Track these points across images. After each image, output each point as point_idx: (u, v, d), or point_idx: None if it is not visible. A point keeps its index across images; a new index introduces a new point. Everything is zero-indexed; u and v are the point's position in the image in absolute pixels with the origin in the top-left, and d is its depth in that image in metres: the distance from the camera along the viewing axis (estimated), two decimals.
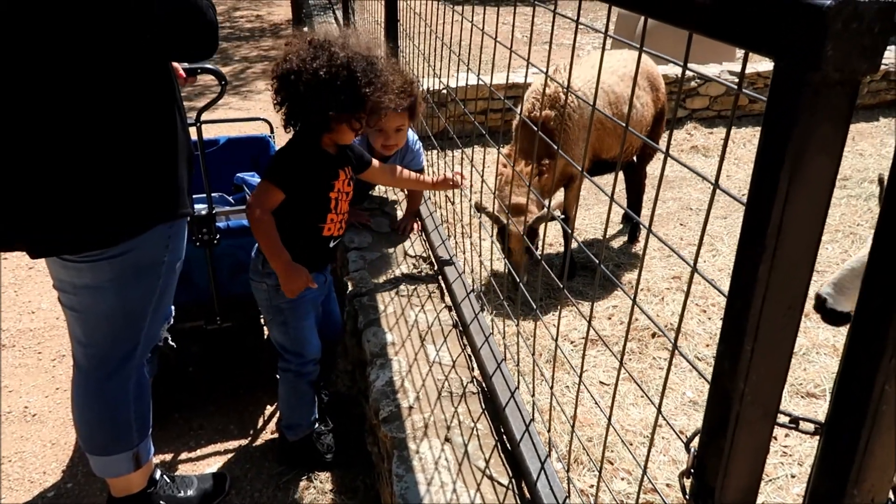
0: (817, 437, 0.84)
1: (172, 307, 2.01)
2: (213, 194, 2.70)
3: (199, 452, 2.46)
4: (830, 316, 1.67)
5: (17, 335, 3.10)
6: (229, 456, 2.44)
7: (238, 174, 2.94)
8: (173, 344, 2.38)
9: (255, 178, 2.91)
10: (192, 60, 1.77)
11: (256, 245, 2.13)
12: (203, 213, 2.31)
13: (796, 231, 0.69)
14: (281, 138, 2.40)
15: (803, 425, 0.91)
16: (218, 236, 2.37)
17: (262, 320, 2.79)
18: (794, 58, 0.61)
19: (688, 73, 6.12)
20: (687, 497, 0.88)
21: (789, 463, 2.29)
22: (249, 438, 2.52)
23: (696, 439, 0.87)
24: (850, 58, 0.59)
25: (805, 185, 0.67)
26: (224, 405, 2.67)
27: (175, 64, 1.91)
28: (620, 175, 4.11)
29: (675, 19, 0.78)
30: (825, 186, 0.68)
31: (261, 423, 2.60)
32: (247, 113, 6.39)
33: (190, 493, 2.17)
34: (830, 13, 0.57)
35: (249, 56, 8.79)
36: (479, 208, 3.10)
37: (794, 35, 0.60)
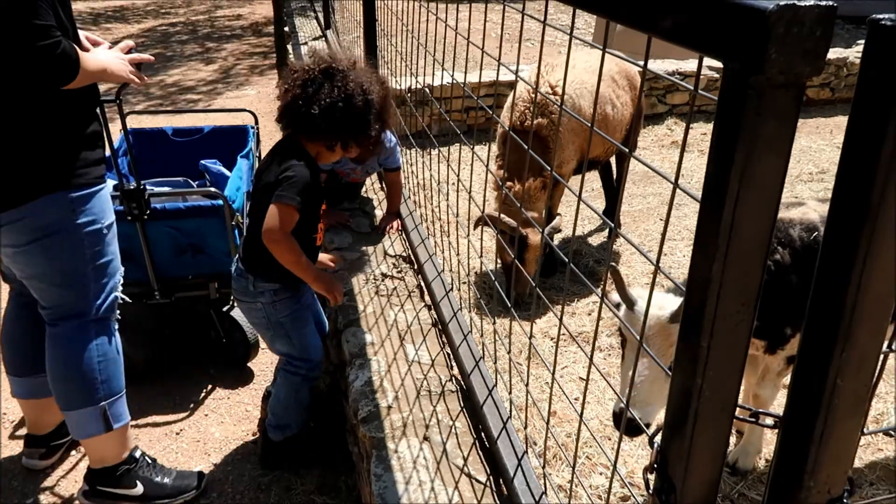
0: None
1: (122, 267, 2.08)
2: (176, 178, 2.92)
3: (179, 455, 2.45)
4: (636, 431, 1.72)
5: None
6: (209, 458, 2.43)
7: (202, 161, 3.07)
8: (128, 299, 2.39)
9: (216, 165, 3.04)
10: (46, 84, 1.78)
11: (237, 265, 2.13)
12: (132, 186, 2.41)
13: (748, 228, 0.70)
14: (265, 130, 2.39)
15: (763, 419, 0.93)
16: (148, 211, 2.45)
17: (208, 303, 2.79)
18: (739, 61, 0.62)
19: (666, 69, 6.15)
20: (650, 492, 0.89)
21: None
22: (229, 441, 2.52)
23: (660, 435, 0.88)
24: (793, 61, 0.60)
25: (755, 184, 0.68)
26: (204, 408, 2.66)
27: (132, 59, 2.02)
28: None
29: (632, 22, 0.79)
30: (775, 185, 0.69)
31: (241, 425, 2.60)
32: (236, 106, 6.42)
33: (167, 480, 2.21)
34: (772, 17, 0.58)
35: (235, 53, 8.79)
36: (489, 220, 3.01)
37: (738, 39, 0.61)
